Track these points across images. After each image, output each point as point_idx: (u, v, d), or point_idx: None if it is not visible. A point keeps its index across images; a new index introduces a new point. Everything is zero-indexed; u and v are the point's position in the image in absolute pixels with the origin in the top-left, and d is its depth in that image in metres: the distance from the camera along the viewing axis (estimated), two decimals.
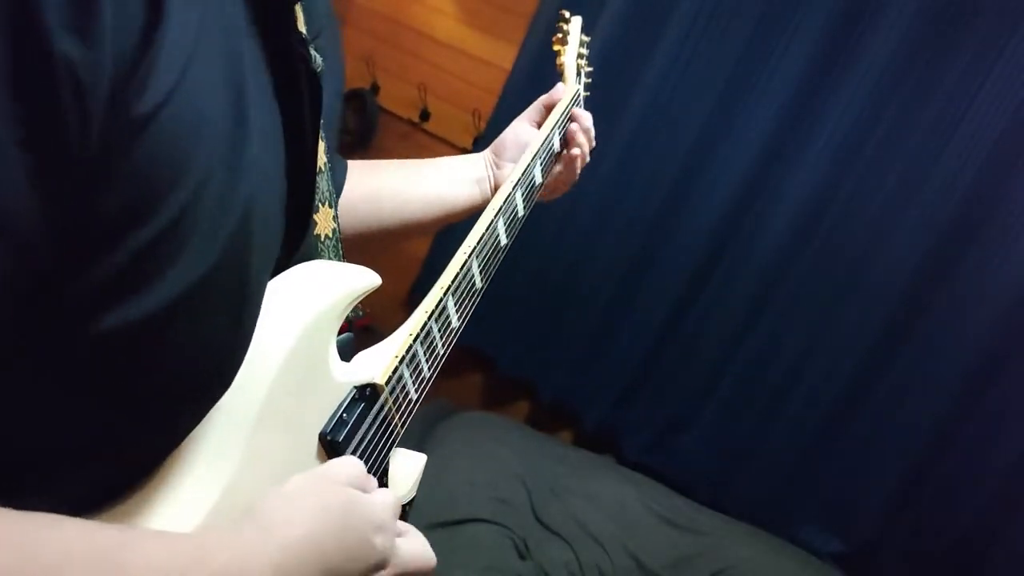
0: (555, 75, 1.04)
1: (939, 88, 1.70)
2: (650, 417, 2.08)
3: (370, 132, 2.31)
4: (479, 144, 2.17)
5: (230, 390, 0.44)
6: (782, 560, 1.81)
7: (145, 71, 0.33)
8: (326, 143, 0.60)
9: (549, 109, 0.94)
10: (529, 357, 2.16)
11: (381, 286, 0.57)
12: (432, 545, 0.58)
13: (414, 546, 0.55)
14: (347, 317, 0.60)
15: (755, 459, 1.98)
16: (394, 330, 0.64)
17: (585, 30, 1.10)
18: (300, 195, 0.53)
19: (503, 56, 2.10)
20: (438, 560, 0.58)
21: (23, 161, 0.30)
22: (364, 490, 0.52)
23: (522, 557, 1.72)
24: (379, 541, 0.50)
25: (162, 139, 0.34)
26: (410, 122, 2.29)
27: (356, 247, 0.84)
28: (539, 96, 0.97)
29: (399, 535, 0.55)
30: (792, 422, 1.93)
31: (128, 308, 0.35)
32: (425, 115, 2.26)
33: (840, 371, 1.88)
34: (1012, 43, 1.62)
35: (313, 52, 0.51)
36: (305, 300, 0.50)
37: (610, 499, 1.86)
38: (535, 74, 1.96)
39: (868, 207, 1.80)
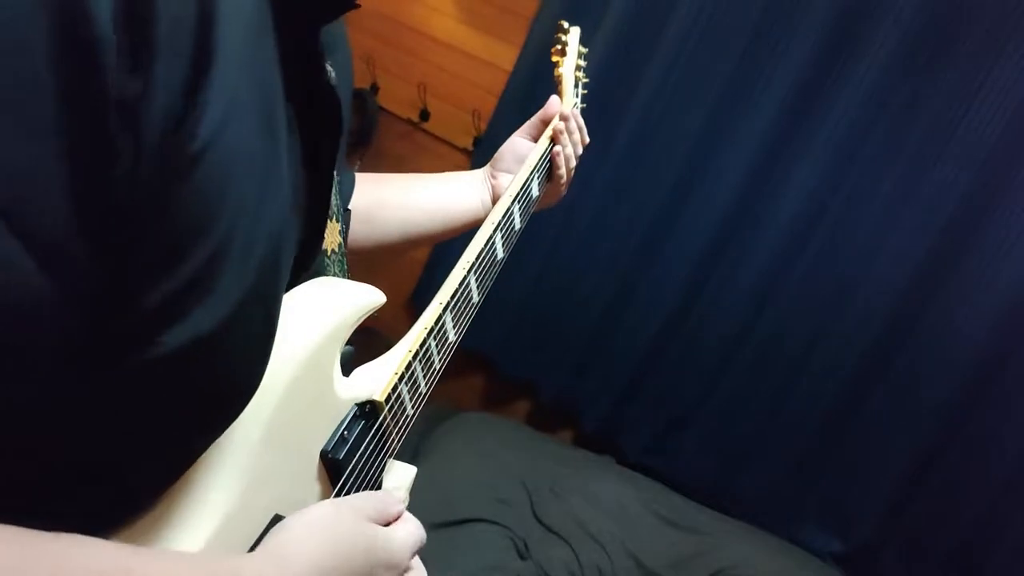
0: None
1: (940, 89, 1.70)
2: (650, 417, 2.08)
3: (370, 132, 2.30)
4: (479, 144, 2.17)
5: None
6: (782, 560, 1.82)
7: (195, 114, 0.33)
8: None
9: (545, 123, 0.94)
10: (529, 358, 2.17)
11: (382, 288, 0.58)
12: (432, 545, 0.59)
13: None
14: None
15: (755, 459, 1.98)
16: (394, 333, 0.64)
17: (584, 41, 1.09)
18: (315, 212, 0.53)
19: (503, 57, 2.10)
20: (438, 560, 0.58)
21: (76, 201, 0.30)
22: (387, 523, 0.53)
23: (522, 557, 1.73)
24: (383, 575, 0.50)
25: (209, 176, 0.34)
26: (410, 122, 2.29)
27: (358, 257, 0.84)
28: (539, 97, 0.97)
29: (407, 571, 0.55)
30: (792, 422, 1.94)
31: (169, 337, 0.36)
32: (425, 115, 2.26)
33: (840, 371, 1.88)
34: (1008, 49, 1.62)
35: (329, 68, 0.51)
36: (312, 320, 0.51)
37: (610, 499, 1.86)
38: (535, 75, 1.96)
39: (868, 207, 1.80)
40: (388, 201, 0.87)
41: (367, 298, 0.56)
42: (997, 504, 1.76)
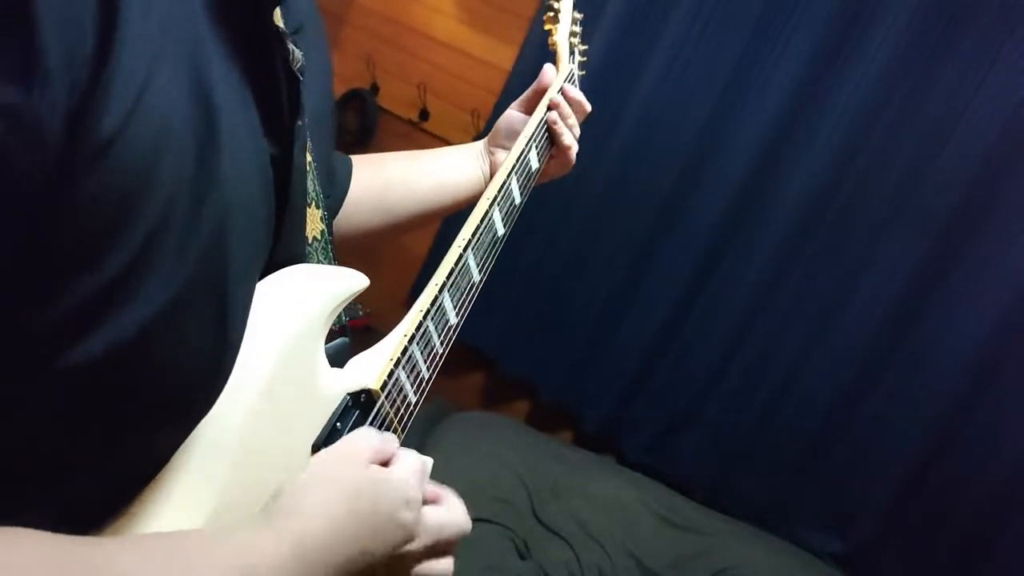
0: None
1: (940, 84, 1.70)
2: (650, 417, 2.08)
3: (370, 132, 2.31)
4: None
5: (212, 408, 0.43)
6: (782, 560, 1.81)
7: (101, 96, 0.32)
8: (312, 142, 0.58)
9: (540, 94, 0.91)
10: (529, 357, 2.16)
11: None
12: None
13: (445, 513, 0.55)
14: (341, 320, 0.59)
15: (755, 459, 1.98)
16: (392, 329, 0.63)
17: (584, 38, 1.08)
18: (289, 199, 0.51)
19: (503, 56, 2.10)
20: None
21: None
22: (386, 461, 0.52)
23: (522, 557, 1.72)
24: (405, 516, 0.49)
25: (124, 162, 0.33)
26: (410, 122, 2.29)
27: (359, 245, 0.83)
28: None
29: (431, 501, 0.54)
30: (792, 422, 1.93)
31: (99, 335, 0.34)
32: (425, 115, 2.26)
33: (840, 371, 1.87)
34: (1008, 45, 1.62)
35: (292, 47, 0.49)
36: (286, 308, 0.48)
37: (610, 499, 1.86)
38: (535, 74, 1.94)
39: (868, 206, 1.80)
40: (394, 183, 0.86)
41: (346, 282, 0.53)
42: (997, 503, 1.75)
